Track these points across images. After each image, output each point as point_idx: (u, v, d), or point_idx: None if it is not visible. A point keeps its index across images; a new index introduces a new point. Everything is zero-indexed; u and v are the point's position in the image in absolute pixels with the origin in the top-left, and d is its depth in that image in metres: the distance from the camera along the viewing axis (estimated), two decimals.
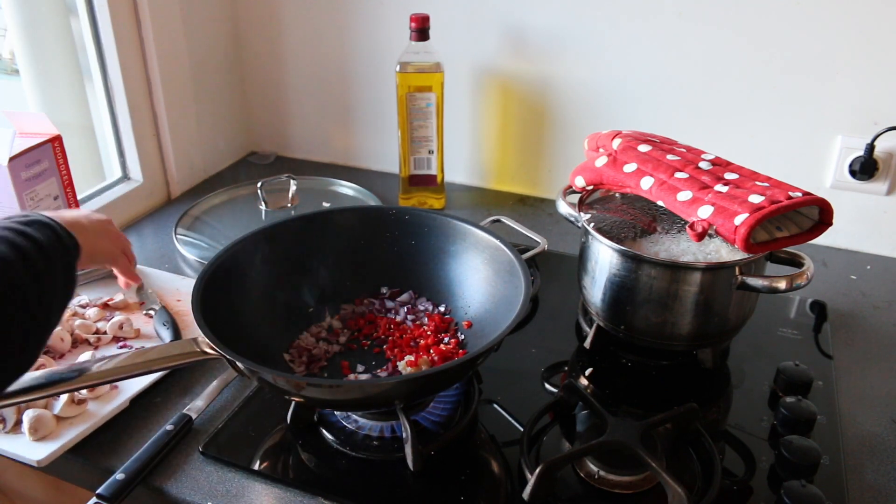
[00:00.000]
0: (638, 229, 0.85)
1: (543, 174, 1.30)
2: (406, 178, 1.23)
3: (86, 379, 0.65)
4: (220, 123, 1.41)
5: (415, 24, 1.12)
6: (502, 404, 0.82)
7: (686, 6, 1.09)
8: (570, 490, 0.70)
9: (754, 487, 0.71)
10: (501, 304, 0.80)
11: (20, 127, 0.95)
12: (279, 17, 1.35)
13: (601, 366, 0.89)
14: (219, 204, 1.22)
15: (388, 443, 0.75)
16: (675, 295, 0.80)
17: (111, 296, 0.97)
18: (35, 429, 0.73)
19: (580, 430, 0.78)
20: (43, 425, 0.73)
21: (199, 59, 1.31)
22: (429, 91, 1.15)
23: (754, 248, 0.74)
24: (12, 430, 0.74)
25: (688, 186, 0.79)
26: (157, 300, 0.97)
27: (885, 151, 1.07)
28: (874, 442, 0.78)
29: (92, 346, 0.88)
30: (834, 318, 0.98)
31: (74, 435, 0.74)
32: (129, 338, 0.91)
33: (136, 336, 0.91)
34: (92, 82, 1.19)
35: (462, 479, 0.72)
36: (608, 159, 0.87)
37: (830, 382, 0.85)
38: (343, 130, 1.42)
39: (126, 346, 0.89)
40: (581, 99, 1.21)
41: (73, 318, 0.91)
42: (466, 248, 0.87)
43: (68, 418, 0.76)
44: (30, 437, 0.73)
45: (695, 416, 0.74)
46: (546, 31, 1.18)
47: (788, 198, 0.75)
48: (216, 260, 0.79)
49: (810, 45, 1.05)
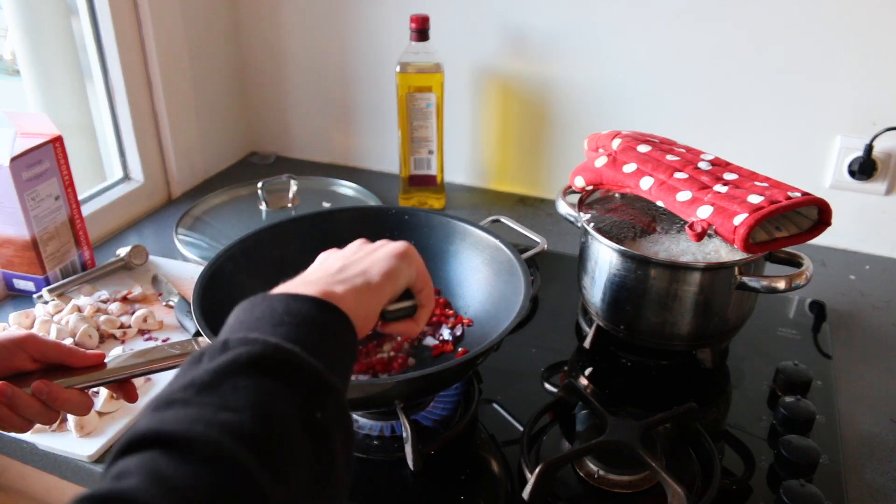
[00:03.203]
0: (637, 229, 0.85)
1: (543, 174, 1.30)
2: (406, 179, 1.23)
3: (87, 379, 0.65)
4: (221, 123, 1.41)
5: (415, 25, 1.12)
6: (502, 404, 0.82)
7: (685, 7, 1.09)
8: (570, 490, 0.71)
9: (753, 487, 0.72)
10: (501, 304, 0.80)
11: (21, 127, 0.95)
12: (280, 17, 1.35)
13: (601, 366, 0.89)
14: (219, 204, 1.22)
15: (388, 442, 0.75)
16: (675, 295, 0.80)
17: (128, 289, 0.99)
18: (81, 426, 0.76)
19: (580, 430, 0.78)
20: (88, 422, 0.76)
21: (200, 60, 1.31)
22: (429, 91, 1.15)
23: (753, 248, 0.74)
24: (59, 429, 0.77)
25: (687, 186, 0.79)
26: (175, 290, 0.98)
27: (883, 152, 1.07)
28: (873, 441, 0.78)
29: (119, 341, 0.90)
30: (833, 318, 0.98)
31: (119, 429, 0.77)
32: (153, 330, 0.92)
33: (161, 328, 0.93)
34: (93, 82, 1.19)
35: (462, 478, 0.72)
36: (608, 159, 0.87)
37: (829, 382, 0.85)
38: (343, 130, 1.42)
39: (152, 339, 0.91)
40: (581, 99, 1.21)
41: (97, 314, 0.92)
42: (466, 247, 0.88)
43: (109, 413, 0.78)
44: (77, 434, 0.76)
45: (694, 416, 0.74)
46: (546, 32, 1.18)
47: (787, 198, 0.75)
48: (217, 260, 0.80)
49: (809, 45, 1.05)
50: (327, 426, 0.38)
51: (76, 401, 0.59)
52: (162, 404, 0.35)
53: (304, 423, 0.36)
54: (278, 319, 0.42)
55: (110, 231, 1.19)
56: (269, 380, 0.37)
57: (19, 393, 0.56)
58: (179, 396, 0.35)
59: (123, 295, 0.97)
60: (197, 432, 0.32)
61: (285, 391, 0.37)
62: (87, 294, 0.98)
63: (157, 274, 1.03)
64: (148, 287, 1.01)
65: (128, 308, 0.95)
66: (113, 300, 0.96)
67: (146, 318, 0.92)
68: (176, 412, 0.34)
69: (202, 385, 0.35)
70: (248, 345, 0.38)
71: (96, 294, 0.97)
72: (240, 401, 0.35)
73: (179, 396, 0.35)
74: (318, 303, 0.45)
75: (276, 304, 0.43)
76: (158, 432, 0.32)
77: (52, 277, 0.99)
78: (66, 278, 0.99)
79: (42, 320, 0.90)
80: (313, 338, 0.42)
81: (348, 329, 0.46)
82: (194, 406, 0.34)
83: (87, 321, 0.88)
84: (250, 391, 0.35)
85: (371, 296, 0.51)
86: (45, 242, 0.97)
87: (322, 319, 0.44)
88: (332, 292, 0.47)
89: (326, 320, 0.44)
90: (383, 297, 0.52)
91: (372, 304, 0.51)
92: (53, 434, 0.76)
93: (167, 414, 0.34)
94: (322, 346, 0.42)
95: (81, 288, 0.99)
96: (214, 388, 0.35)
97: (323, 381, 0.39)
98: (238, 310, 0.45)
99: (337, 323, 0.45)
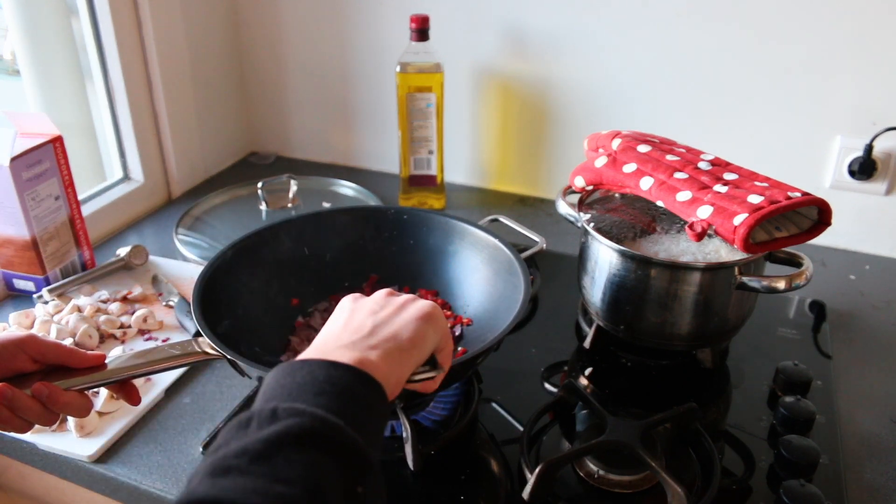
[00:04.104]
0: (637, 229, 0.85)
1: (543, 174, 1.30)
2: (406, 179, 1.23)
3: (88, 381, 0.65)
4: (221, 124, 1.41)
5: (415, 25, 1.12)
6: (502, 404, 0.82)
7: (685, 7, 1.09)
8: (570, 490, 0.71)
9: (753, 487, 0.72)
10: (501, 304, 0.80)
11: (21, 127, 0.95)
12: (280, 17, 1.35)
13: (601, 366, 0.89)
14: (219, 204, 1.22)
15: (388, 443, 0.75)
16: (675, 295, 0.80)
17: (128, 289, 0.99)
18: (81, 426, 0.76)
19: (580, 430, 0.78)
20: (88, 422, 0.76)
21: (200, 60, 1.31)
22: (429, 91, 1.15)
23: (753, 248, 0.74)
24: (59, 429, 0.77)
25: (687, 186, 0.79)
26: (175, 290, 0.98)
27: (883, 152, 1.07)
28: (873, 441, 0.78)
29: (119, 341, 0.90)
30: (833, 318, 0.98)
31: (118, 429, 0.77)
32: (153, 330, 0.92)
33: (161, 328, 0.93)
34: (93, 82, 1.19)
35: (462, 478, 0.72)
36: (608, 159, 0.87)
37: (829, 382, 0.85)
38: (343, 130, 1.42)
39: (152, 339, 0.91)
40: (581, 99, 1.21)
41: (97, 314, 0.92)
42: (466, 247, 0.88)
43: (109, 413, 0.78)
44: (77, 435, 0.76)
45: (694, 416, 0.74)
46: (546, 32, 1.18)
47: (787, 198, 0.75)
48: (217, 259, 0.80)
49: (809, 45, 1.05)
50: (366, 499, 0.40)
51: (76, 403, 0.59)
52: (219, 471, 0.37)
53: (347, 495, 0.39)
54: (319, 388, 0.44)
55: (110, 231, 1.20)
56: (318, 453, 0.39)
57: (19, 394, 0.56)
58: (234, 464, 0.37)
59: (123, 295, 0.97)
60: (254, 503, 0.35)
61: (332, 465, 0.39)
62: (88, 294, 0.98)
63: (157, 274, 1.03)
64: (148, 287, 1.01)
65: (128, 308, 0.95)
66: (113, 300, 0.96)
67: (146, 318, 0.92)
68: (234, 481, 0.36)
69: (255, 454, 0.37)
70: (297, 416, 0.40)
71: (96, 294, 0.97)
72: (292, 473, 0.37)
73: (234, 464, 0.37)
74: (357, 373, 0.46)
75: (317, 372, 0.45)
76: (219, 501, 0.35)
77: (52, 277, 0.99)
78: (66, 278, 0.99)
79: (42, 320, 0.90)
80: (353, 410, 0.44)
81: (383, 400, 0.48)
82: (251, 476, 0.36)
83: (87, 321, 0.88)
84: (301, 465, 0.38)
85: (402, 364, 0.52)
86: (45, 242, 0.97)
87: (361, 392, 0.46)
88: (368, 360, 0.48)
89: (365, 392, 0.46)
90: (412, 364, 0.53)
91: (403, 371, 0.52)
92: (53, 434, 0.76)
93: (225, 482, 0.36)
94: (361, 419, 0.44)
95: (81, 288, 0.99)
96: (268, 460, 0.37)
97: (364, 456, 0.41)
98: (277, 372, 0.47)
99: (374, 395, 0.47)
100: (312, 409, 0.41)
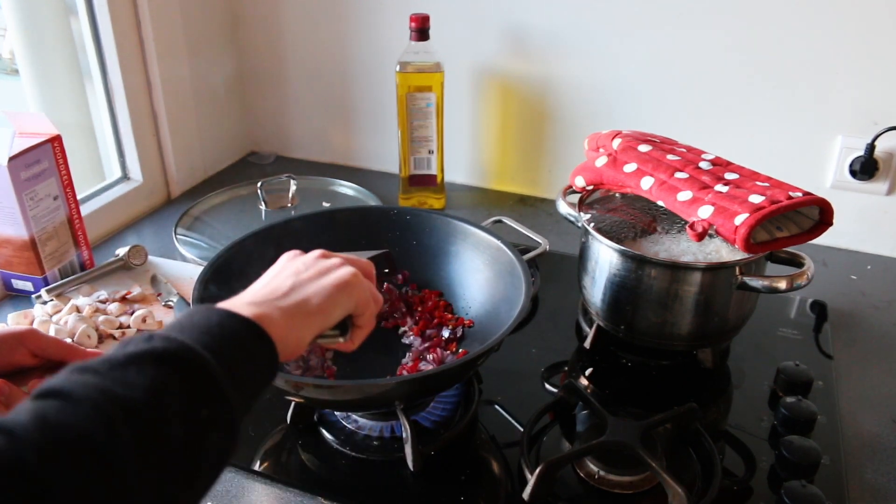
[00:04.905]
0: (638, 229, 0.84)
1: (543, 174, 1.30)
2: (406, 178, 1.23)
3: None
4: (221, 123, 1.41)
5: (415, 24, 1.12)
6: (502, 404, 0.82)
7: (686, 7, 1.09)
8: (570, 490, 0.70)
9: (754, 487, 0.71)
10: (502, 305, 0.80)
11: (20, 127, 0.95)
12: (279, 16, 1.35)
13: (601, 366, 0.89)
14: (219, 204, 1.22)
15: (388, 443, 0.75)
16: (675, 295, 0.79)
17: (127, 289, 0.98)
18: None
19: (580, 430, 0.78)
20: None
21: (200, 59, 1.31)
22: (429, 91, 1.15)
23: (754, 248, 0.74)
24: None
25: (688, 186, 0.79)
26: (174, 290, 0.98)
27: (885, 151, 1.07)
28: (874, 442, 0.78)
29: (118, 341, 0.89)
30: (834, 318, 0.98)
31: None
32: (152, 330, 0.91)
33: (160, 328, 0.91)
34: (92, 82, 1.19)
35: (462, 479, 0.72)
36: (608, 159, 0.86)
37: (831, 382, 0.85)
38: (343, 130, 1.42)
39: None
40: (581, 99, 1.21)
41: (96, 314, 0.92)
42: (467, 248, 0.87)
43: None
44: None
45: (695, 416, 0.74)
46: (546, 31, 1.18)
47: (789, 198, 0.74)
48: (216, 260, 0.79)
49: (811, 45, 1.05)
50: (206, 427, 0.41)
51: None
52: (80, 370, 0.40)
53: (185, 417, 0.40)
54: (207, 329, 0.46)
55: (109, 231, 1.19)
56: (170, 371, 0.41)
57: (16, 392, 0.56)
58: (94, 366, 0.40)
59: (122, 295, 0.97)
60: (90, 396, 0.37)
61: (180, 384, 0.41)
62: (86, 294, 0.97)
63: (157, 274, 1.03)
64: (147, 287, 1.00)
65: (127, 308, 0.95)
66: (112, 300, 0.96)
67: (145, 318, 0.92)
68: (84, 378, 0.39)
69: (115, 363, 0.40)
70: (167, 342, 0.42)
71: (95, 294, 0.97)
72: (138, 381, 0.39)
73: (94, 366, 0.40)
74: (250, 325, 0.48)
75: (213, 317, 0.47)
76: (60, 389, 0.37)
77: (51, 277, 0.99)
78: (65, 278, 0.99)
79: (41, 320, 0.90)
80: (230, 353, 0.45)
81: (271, 355, 0.49)
82: (100, 377, 0.39)
83: (85, 321, 0.88)
84: (150, 377, 0.40)
85: (304, 327, 0.54)
86: (44, 242, 0.96)
87: (248, 342, 0.48)
88: (268, 316, 0.50)
89: (252, 343, 0.48)
90: (316, 328, 0.55)
91: (304, 334, 0.54)
92: None
93: (78, 377, 0.39)
94: (236, 363, 0.45)
95: (80, 288, 0.99)
96: (124, 368, 0.40)
97: (219, 388, 0.43)
98: (185, 312, 0.49)
99: (261, 348, 0.48)
100: (185, 339, 0.43)
